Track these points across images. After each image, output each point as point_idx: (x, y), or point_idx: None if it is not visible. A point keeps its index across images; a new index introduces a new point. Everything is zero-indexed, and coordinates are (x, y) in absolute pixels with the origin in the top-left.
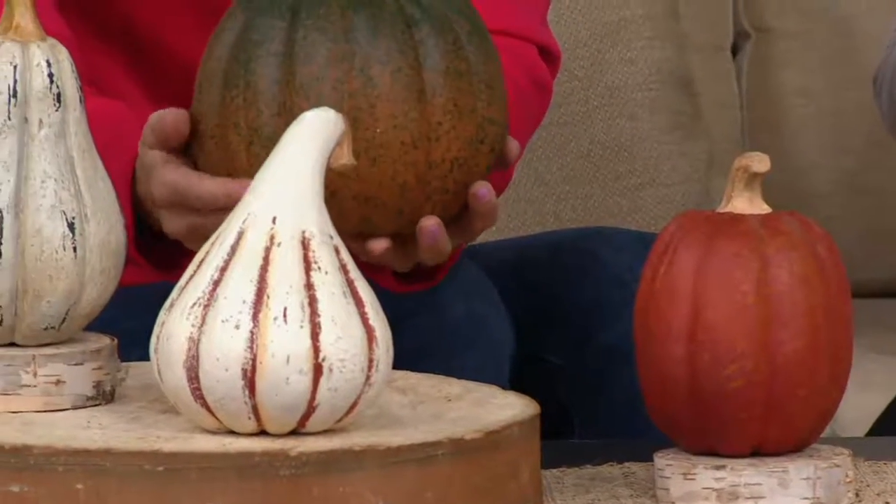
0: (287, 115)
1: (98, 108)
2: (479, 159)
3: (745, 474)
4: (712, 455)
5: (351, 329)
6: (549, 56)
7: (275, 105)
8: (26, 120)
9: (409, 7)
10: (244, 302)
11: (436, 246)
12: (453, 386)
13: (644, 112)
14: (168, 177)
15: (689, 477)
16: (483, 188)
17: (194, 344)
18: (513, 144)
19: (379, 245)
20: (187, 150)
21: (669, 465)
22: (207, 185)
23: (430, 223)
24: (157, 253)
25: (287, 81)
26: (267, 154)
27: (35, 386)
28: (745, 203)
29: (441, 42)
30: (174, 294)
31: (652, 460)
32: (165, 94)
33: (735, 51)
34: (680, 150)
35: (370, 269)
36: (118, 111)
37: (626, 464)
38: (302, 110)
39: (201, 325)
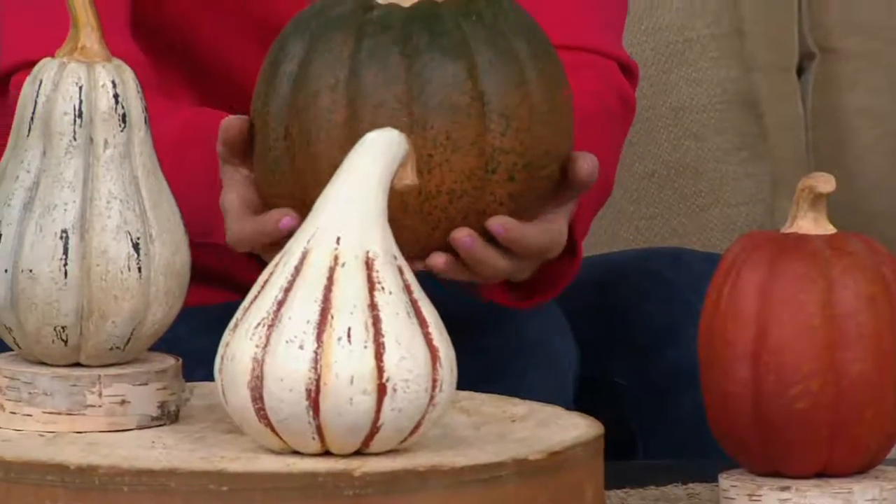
0: (289, 140)
1: (174, 129)
2: (494, 188)
3: (811, 495)
4: (777, 476)
5: (415, 349)
6: (630, 72)
7: (281, 129)
8: (92, 140)
9: (417, 36)
10: (308, 322)
11: (473, 256)
12: (517, 406)
13: (709, 132)
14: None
15: (755, 498)
16: (496, 224)
17: (258, 364)
18: (582, 165)
19: (437, 260)
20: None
21: (734, 487)
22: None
23: (461, 234)
24: None
25: (293, 104)
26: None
27: (100, 406)
28: (810, 223)
29: (441, 75)
30: (238, 314)
31: (717, 481)
32: (224, 111)
33: (800, 71)
34: (745, 171)
35: (484, 286)
36: (192, 119)
37: (691, 485)
38: (301, 135)
39: (265, 346)
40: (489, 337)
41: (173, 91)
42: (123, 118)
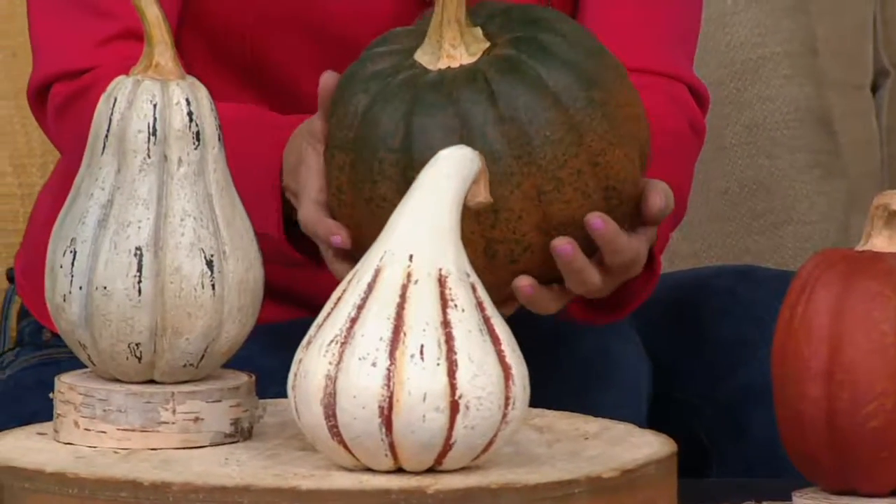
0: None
1: (233, 108)
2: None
3: None
4: (851, 495)
5: (487, 367)
6: (700, 97)
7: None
8: (166, 158)
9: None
10: (381, 339)
11: (571, 265)
12: (590, 424)
13: (782, 150)
14: (301, 213)
15: None
16: (595, 218)
17: (331, 381)
18: (654, 200)
19: (523, 282)
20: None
21: None
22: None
23: (562, 242)
24: (303, 242)
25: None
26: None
27: (174, 423)
28: (885, 241)
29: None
30: (311, 331)
31: (790, 499)
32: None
33: (874, 88)
34: (818, 189)
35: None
36: (255, 108)
37: (764, 503)
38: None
39: (338, 363)
40: (562, 354)
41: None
42: (197, 136)
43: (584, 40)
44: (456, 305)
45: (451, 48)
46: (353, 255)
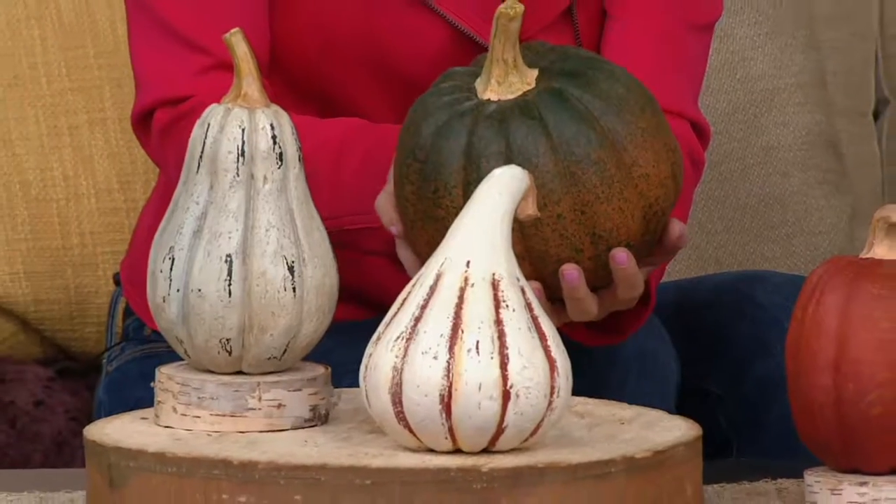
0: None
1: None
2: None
3: (886, 490)
4: (856, 473)
5: (535, 360)
6: (702, 132)
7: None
8: (252, 176)
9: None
10: (441, 336)
11: (575, 292)
12: (626, 410)
13: (795, 169)
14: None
15: (836, 492)
16: (621, 253)
17: (398, 373)
18: (674, 229)
19: (533, 285)
20: None
21: (818, 482)
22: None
23: (570, 268)
24: None
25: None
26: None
27: (259, 409)
28: (885, 249)
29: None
30: (380, 329)
31: (803, 477)
32: None
33: (876, 115)
34: (827, 203)
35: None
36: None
37: (779, 480)
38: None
39: (404, 357)
40: (601, 349)
41: None
42: (280, 157)
43: (621, 74)
44: (507, 306)
45: (497, 84)
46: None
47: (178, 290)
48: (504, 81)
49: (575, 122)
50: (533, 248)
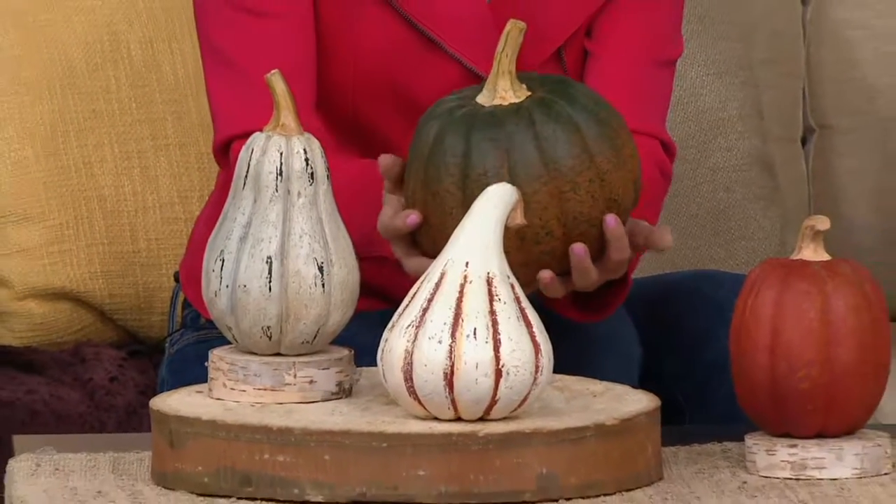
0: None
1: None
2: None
3: (812, 451)
4: (788, 437)
5: (522, 344)
6: (669, 149)
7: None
8: (289, 192)
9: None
10: (445, 324)
11: (581, 264)
12: (597, 385)
13: (737, 186)
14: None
15: (771, 453)
16: (612, 217)
17: (409, 355)
18: (664, 234)
19: (545, 275)
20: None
21: (756, 444)
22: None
23: (578, 246)
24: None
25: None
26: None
27: (294, 384)
28: (811, 253)
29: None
30: (394, 318)
31: (744, 440)
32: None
33: (804, 142)
34: (763, 214)
35: (558, 304)
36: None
37: (724, 443)
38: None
39: (414, 341)
40: (576, 334)
41: (349, 153)
42: (312, 176)
43: (597, 97)
44: (500, 299)
45: (503, 91)
46: (418, 243)
47: (227, 286)
48: (507, 89)
49: (580, 111)
50: (570, 210)
